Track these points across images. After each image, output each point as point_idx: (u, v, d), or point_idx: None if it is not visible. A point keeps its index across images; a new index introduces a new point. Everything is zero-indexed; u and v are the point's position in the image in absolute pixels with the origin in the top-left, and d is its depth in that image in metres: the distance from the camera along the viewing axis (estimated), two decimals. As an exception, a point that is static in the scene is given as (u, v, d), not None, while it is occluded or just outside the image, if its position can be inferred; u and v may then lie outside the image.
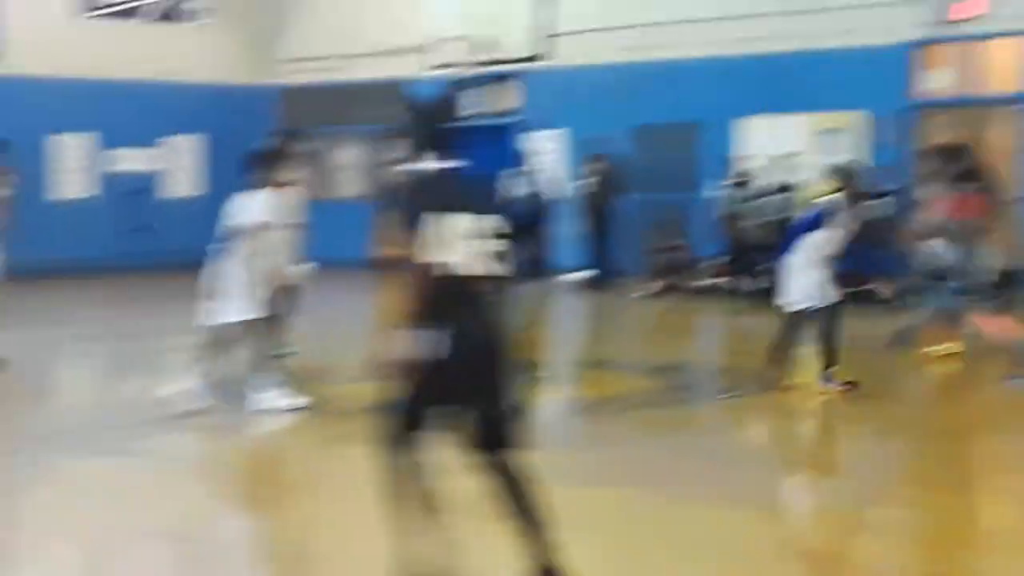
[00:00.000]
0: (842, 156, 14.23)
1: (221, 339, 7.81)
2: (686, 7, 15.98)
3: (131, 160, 16.49)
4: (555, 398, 8.99)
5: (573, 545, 4.34)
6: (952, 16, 14.81)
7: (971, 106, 15.08)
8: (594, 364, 11.34)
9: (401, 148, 5.96)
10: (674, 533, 5.46)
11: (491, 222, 4.51)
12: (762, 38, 15.58)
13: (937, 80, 15.24)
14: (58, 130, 16.77)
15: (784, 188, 15.05)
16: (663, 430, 8.29)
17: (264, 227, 7.82)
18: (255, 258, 7.81)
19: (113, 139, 17.33)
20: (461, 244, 4.37)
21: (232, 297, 7.73)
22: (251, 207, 7.79)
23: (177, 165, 18.38)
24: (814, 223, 8.95)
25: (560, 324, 14.47)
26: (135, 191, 17.65)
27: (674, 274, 15.56)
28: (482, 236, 4.47)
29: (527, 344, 6.08)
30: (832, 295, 8.65)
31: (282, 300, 8.26)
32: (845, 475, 7.18)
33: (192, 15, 19.24)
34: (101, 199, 17.94)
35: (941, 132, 14.91)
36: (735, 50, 15.73)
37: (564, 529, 4.34)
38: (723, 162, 15.66)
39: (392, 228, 4.39)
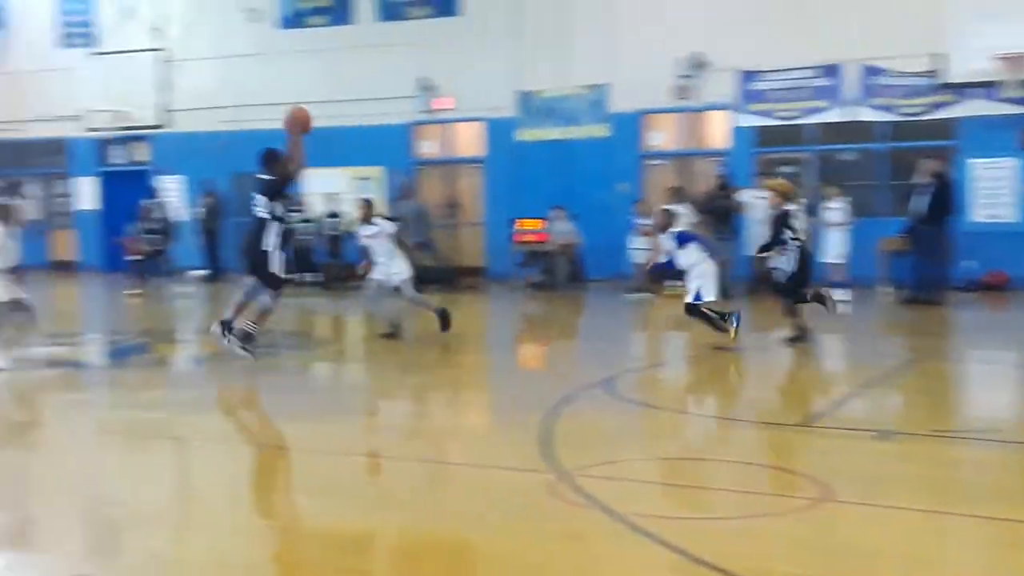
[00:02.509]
0: (367, 194, 18.10)
1: None
2: (264, 94, 20.30)
3: None
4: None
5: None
6: (435, 107, 20.36)
7: (448, 164, 20.91)
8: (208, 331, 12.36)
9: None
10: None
11: None
12: (316, 116, 21.00)
13: (425, 147, 20.95)
14: None
15: (333, 215, 19.87)
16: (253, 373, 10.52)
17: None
18: None
19: None
20: None
21: None
22: None
23: None
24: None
25: (186, 305, 17.99)
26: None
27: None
28: None
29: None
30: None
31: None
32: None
33: None
34: None
35: (431, 182, 20.78)
36: None
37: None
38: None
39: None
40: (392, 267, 12.24)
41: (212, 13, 21.83)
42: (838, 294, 15.64)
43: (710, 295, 11.34)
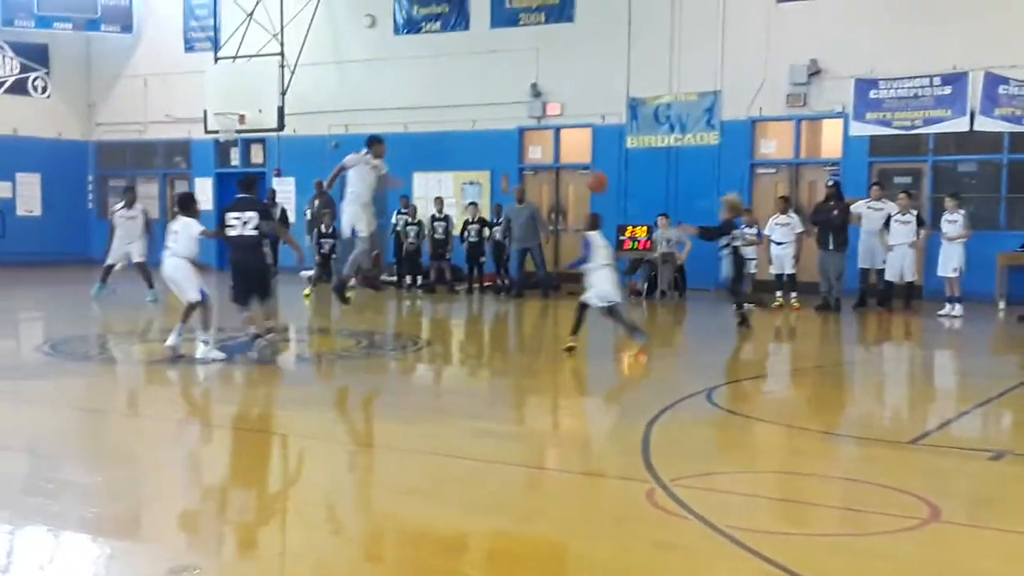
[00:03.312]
0: (474, 199, 20.22)
1: None
2: (374, 99, 21.36)
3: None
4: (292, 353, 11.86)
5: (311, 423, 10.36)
6: (545, 112, 20.51)
7: (556, 169, 20.95)
8: (317, 330, 14.34)
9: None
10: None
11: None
12: (426, 121, 21.13)
13: (534, 152, 21.05)
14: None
15: (441, 219, 19.74)
16: (358, 373, 10.67)
17: None
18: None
19: None
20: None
21: None
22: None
23: (23, 194, 23.63)
24: None
25: (294, 305, 17.48)
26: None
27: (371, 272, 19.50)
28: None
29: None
30: None
31: None
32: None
33: (36, 90, 24.55)
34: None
35: (539, 187, 20.81)
36: (410, 129, 21.17)
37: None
38: (400, 200, 20.35)
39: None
40: None
41: (330, 19, 22.31)
42: (951, 309, 15.25)
43: (616, 298, 11.69)
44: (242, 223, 10.64)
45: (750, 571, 4.79)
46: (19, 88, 24.17)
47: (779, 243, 16.50)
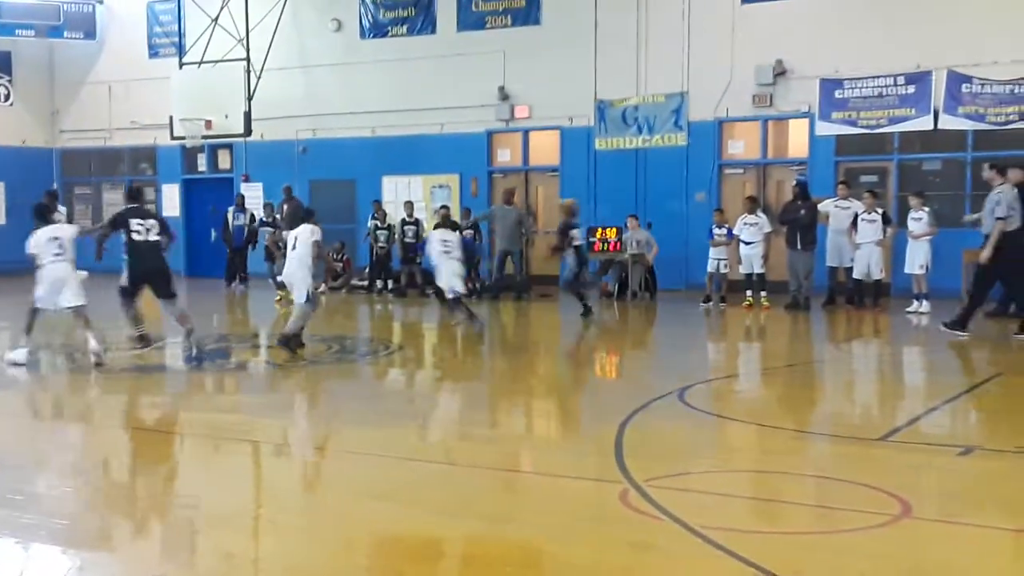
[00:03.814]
0: (445, 202, 19.78)
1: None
2: (342, 103, 21.29)
3: None
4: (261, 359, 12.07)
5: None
6: (515, 115, 20.42)
7: (525, 172, 20.84)
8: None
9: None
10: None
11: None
12: (394, 125, 21.05)
13: (502, 155, 20.99)
14: None
15: (411, 222, 19.68)
16: (329, 378, 10.74)
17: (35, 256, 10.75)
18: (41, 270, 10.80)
19: None
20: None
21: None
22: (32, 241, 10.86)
23: None
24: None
25: (263, 311, 17.74)
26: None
27: (340, 277, 20.01)
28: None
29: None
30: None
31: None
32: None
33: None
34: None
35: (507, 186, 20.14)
36: (378, 133, 21.20)
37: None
38: (371, 205, 20.41)
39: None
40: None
41: (295, 24, 22.21)
42: (919, 306, 15.39)
43: (460, 288, 13.23)
44: (146, 229, 11.35)
45: (726, 570, 4.81)
46: (-19, 96, 23.97)
47: (748, 243, 16.60)
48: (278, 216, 20.13)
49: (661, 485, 6.10)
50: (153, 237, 11.36)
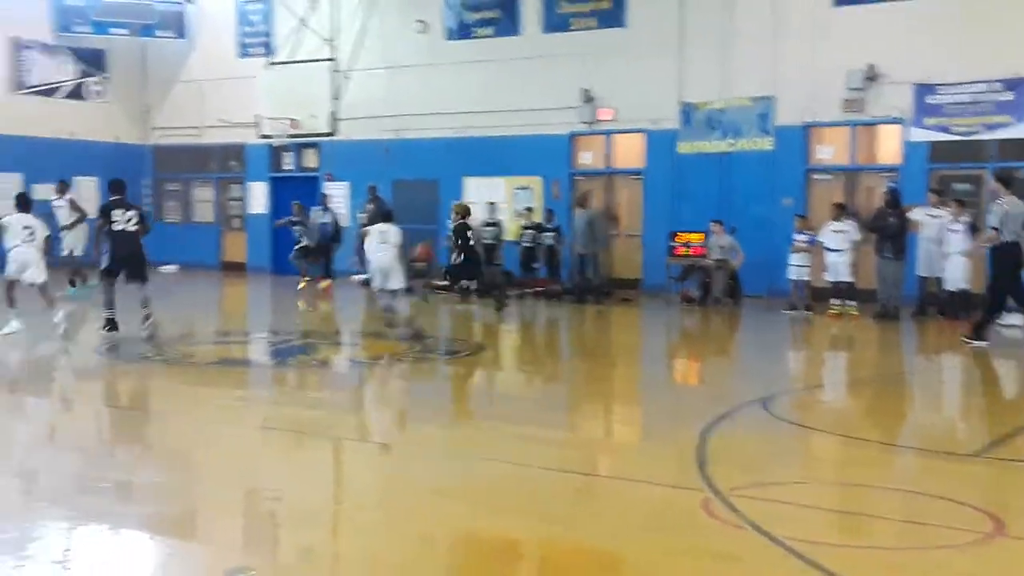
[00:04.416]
0: (527, 204, 20.29)
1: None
2: (426, 104, 21.26)
3: (48, 192, 21.59)
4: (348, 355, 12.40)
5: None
6: (596, 117, 20.25)
7: (608, 175, 20.76)
8: (368, 334, 14.67)
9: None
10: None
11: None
12: (477, 126, 20.94)
13: (585, 157, 20.73)
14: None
15: (492, 223, 19.75)
16: (410, 377, 10.82)
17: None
18: None
19: (35, 177, 22.51)
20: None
21: None
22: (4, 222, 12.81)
23: (82, 197, 23.72)
24: None
25: (347, 309, 18.17)
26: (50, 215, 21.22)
27: (422, 277, 19.59)
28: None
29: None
30: None
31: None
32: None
33: (93, 95, 24.97)
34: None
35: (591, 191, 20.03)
36: (461, 134, 21.09)
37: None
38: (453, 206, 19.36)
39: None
40: None
41: (382, 25, 22.32)
42: (1014, 319, 14.91)
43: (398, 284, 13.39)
44: (126, 219, 12.64)
45: (810, 584, 4.69)
46: (77, 93, 24.46)
47: (834, 250, 16.26)
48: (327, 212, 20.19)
49: (744, 495, 5.97)
50: (132, 227, 12.66)
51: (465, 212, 17.29)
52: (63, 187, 18.77)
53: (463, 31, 21.85)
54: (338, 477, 7.02)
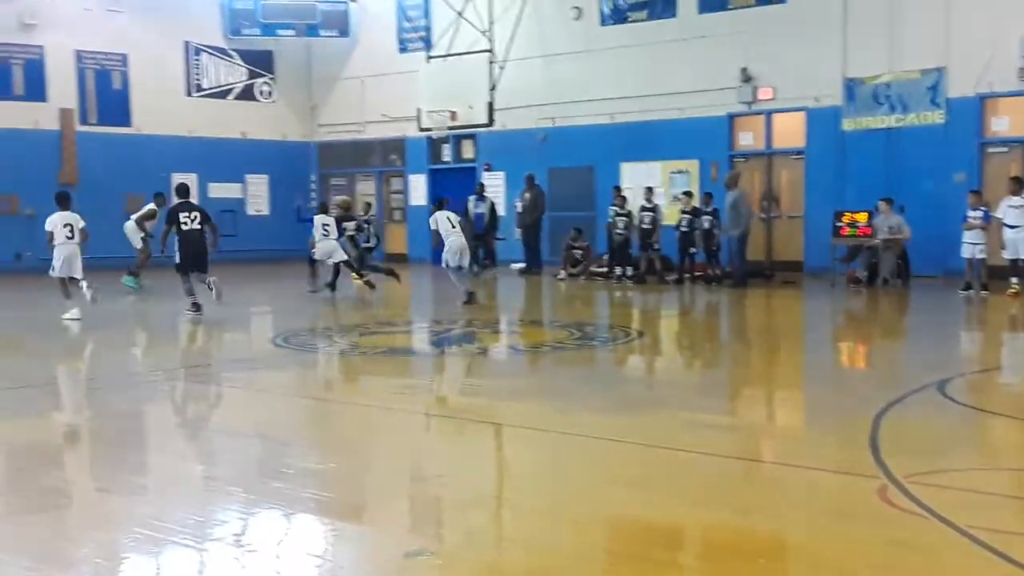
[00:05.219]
0: (684, 188, 20.01)
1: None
2: (581, 91, 21.44)
3: (222, 191, 22.70)
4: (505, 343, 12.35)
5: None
6: (760, 97, 19.95)
7: (768, 155, 20.49)
8: (529, 322, 14.87)
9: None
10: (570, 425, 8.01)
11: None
12: (633, 111, 21.13)
13: (744, 138, 20.58)
14: (171, 171, 22.17)
15: (650, 208, 19.56)
16: (571, 364, 10.65)
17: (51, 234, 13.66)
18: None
19: (210, 176, 23.82)
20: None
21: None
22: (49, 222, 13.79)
23: (253, 194, 24.91)
24: None
25: (506, 296, 18.25)
26: (226, 211, 23.17)
27: (580, 264, 20.47)
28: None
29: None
30: None
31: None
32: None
33: (262, 96, 26.05)
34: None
35: (750, 174, 20.12)
36: (617, 119, 21.22)
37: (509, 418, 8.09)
38: (609, 191, 20.39)
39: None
40: None
41: (537, 14, 22.45)
42: None
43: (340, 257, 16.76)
44: (192, 220, 14.09)
45: (997, 574, 4.49)
46: (247, 94, 25.50)
47: (1012, 227, 15.46)
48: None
49: (922, 482, 5.74)
50: (196, 225, 14.06)
51: (346, 207, 19.08)
52: (160, 200, 18.23)
53: (618, 16, 21.75)
54: (509, 464, 7.10)
